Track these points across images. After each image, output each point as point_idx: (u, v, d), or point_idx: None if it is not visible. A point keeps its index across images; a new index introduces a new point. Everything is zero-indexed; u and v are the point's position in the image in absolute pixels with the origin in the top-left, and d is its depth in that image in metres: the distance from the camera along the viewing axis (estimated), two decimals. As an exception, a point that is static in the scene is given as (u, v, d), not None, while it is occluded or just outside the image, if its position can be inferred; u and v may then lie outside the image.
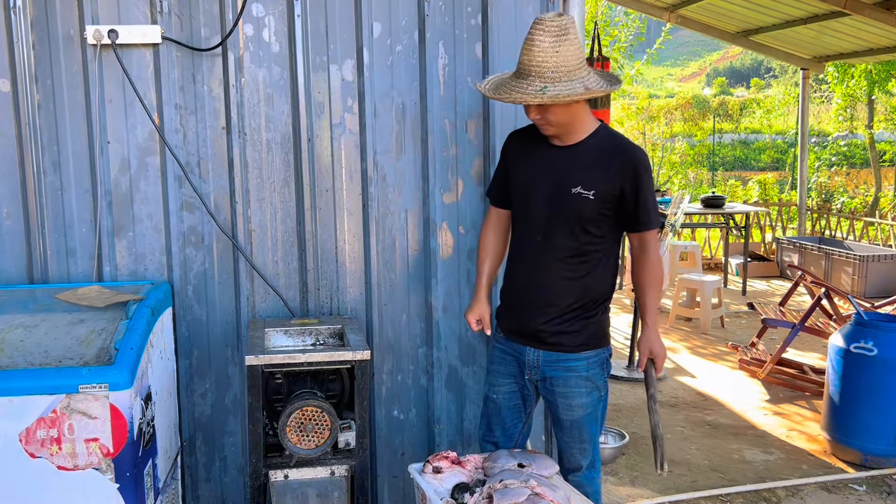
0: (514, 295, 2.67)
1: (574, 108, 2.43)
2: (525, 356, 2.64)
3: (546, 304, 2.57)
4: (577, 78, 2.36)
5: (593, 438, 2.66)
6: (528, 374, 2.65)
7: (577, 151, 2.51)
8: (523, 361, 2.65)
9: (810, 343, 6.21)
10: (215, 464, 3.07)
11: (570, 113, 2.43)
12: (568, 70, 2.34)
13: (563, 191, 2.49)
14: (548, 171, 2.54)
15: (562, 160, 2.52)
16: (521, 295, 2.64)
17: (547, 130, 2.50)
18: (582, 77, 2.37)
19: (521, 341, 2.65)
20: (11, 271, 2.86)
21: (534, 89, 2.34)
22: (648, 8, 8.30)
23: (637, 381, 5.51)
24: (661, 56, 13.16)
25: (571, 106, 2.41)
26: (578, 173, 2.48)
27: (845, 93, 12.66)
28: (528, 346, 2.62)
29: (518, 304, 2.65)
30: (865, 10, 6.65)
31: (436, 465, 2.42)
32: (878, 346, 4.00)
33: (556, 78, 2.33)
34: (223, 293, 2.99)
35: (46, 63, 2.79)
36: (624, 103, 14.67)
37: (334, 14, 2.92)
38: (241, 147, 2.93)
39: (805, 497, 3.74)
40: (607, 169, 2.46)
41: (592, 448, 2.67)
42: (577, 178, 2.48)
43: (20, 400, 2.21)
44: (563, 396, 2.60)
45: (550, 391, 2.63)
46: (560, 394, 2.61)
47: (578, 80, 2.36)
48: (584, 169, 2.48)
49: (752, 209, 9.09)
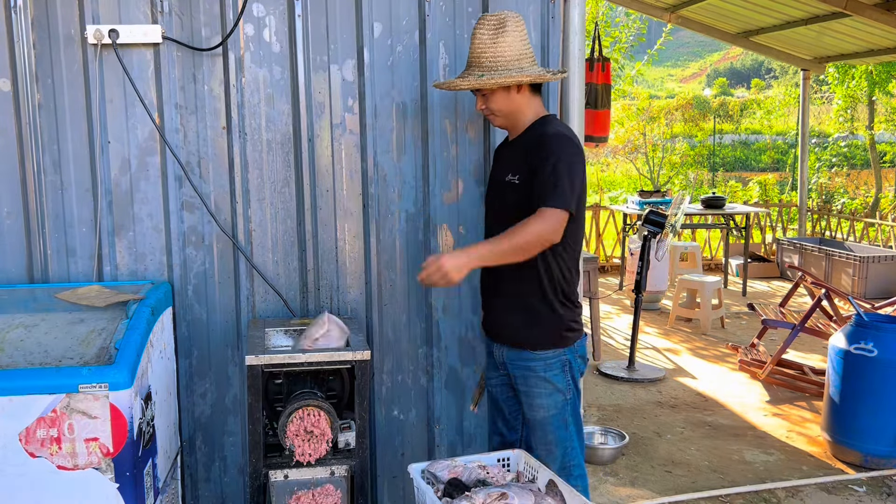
0: (481, 288, 2.78)
1: (514, 98, 2.53)
2: (493, 350, 2.73)
3: (494, 294, 2.67)
4: (515, 68, 2.47)
5: (562, 443, 2.61)
6: (500, 368, 2.72)
7: (517, 142, 2.61)
8: (494, 356, 2.73)
9: (811, 344, 6.20)
10: (215, 464, 3.07)
11: (510, 102, 2.53)
12: (506, 60, 2.47)
13: (502, 181, 2.60)
14: (498, 166, 2.72)
15: (506, 154, 2.68)
16: (482, 287, 2.76)
17: (494, 122, 2.64)
18: (521, 68, 2.48)
19: (489, 335, 2.75)
20: (11, 271, 2.86)
21: (471, 77, 2.49)
22: (649, 8, 8.30)
23: (637, 381, 5.51)
24: (662, 56, 13.16)
25: (511, 95, 2.52)
26: (511, 162, 2.59)
27: (846, 94, 12.66)
28: (493, 342, 2.72)
29: (482, 297, 2.78)
30: (866, 10, 6.65)
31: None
32: (878, 347, 4.00)
33: (492, 67, 2.47)
34: (223, 293, 2.99)
35: (47, 62, 2.79)
36: (624, 104, 14.68)
37: (335, 14, 2.92)
38: (242, 147, 2.93)
39: (805, 498, 3.74)
40: (528, 152, 2.49)
41: (561, 452, 2.62)
42: (509, 167, 2.58)
43: (20, 399, 2.20)
44: (525, 395, 2.64)
45: (516, 388, 2.68)
46: (522, 392, 2.64)
47: (515, 69, 2.47)
48: (516, 157, 2.56)
49: (752, 210, 9.09)
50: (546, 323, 2.56)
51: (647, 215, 5.58)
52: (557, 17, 2.98)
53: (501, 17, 2.50)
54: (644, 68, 12.12)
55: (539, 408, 2.60)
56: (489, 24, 2.50)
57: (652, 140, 15.26)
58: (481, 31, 2.50)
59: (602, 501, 3.70)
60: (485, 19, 2.51)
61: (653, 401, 5.18)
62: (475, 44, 2.51)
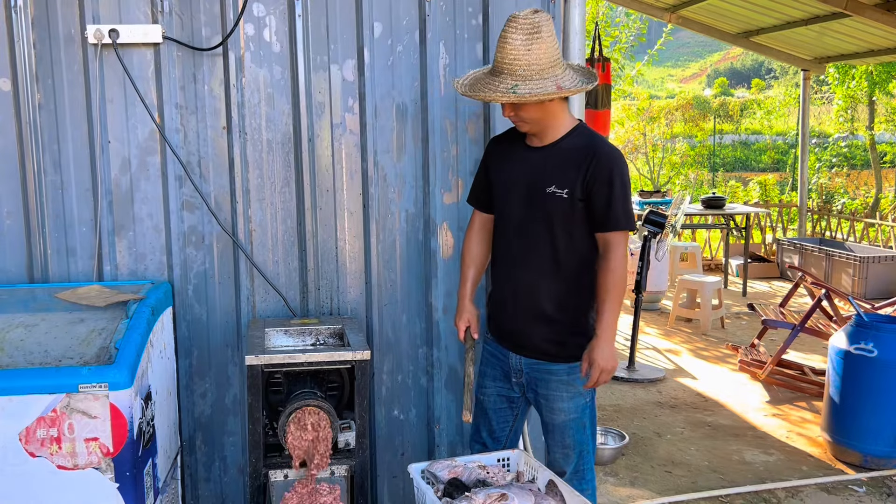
0: (497, 297, 2.68)
1: (548, 106, 2.42)
2: (509, 360, 2.64)
3: (525, 308, 2.56)
4: (550, 76, 2.35)
5: (579, 446, 2.61)
6: (514, 377, 2.65)
7: (553, 151, 2.50)
8: (508, 365, 2.65)
9: (811, 344, 6.20)
10: (215, 463, 3.07)
11: (543, 111, 2.43)
12: (540, 68, 2.33)
13: (538, 190, 2.49)
14: (524, 171, 2.54)
15: (538, 160, 2.52)
16: (501, 296, 2.65)
17: (522, 128, 2.51)
18: (555, 75, 2.36)
19: (505, 345, 2.65)
20: (11, 270, 2.86)
21: (504, 87, 2.34)
22: (649, 9, 8.30)
23: (637, 381, 5.51)
24: (662, 57, 13.16)
25: (545, 104, 2.41)
26: (553, 172, 2.47)
27: (846, 94, 12.66)
28: (511, 352, 2.63)
29: (500, 307, 2.66)
30: (866, 11, 6.65)
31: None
32: (878, 347, 4.00)
33: (527, 76, 2.33)
34: (223, 293, 2.99)
35: (47, 62, 2.79)
36: (625, 104, 14.69)
37: (335, 14, 2.92)
38: (242, 147, 2.93)
39: (805, 498, 3.74)
40: (581, 167, 2.43)
41: (577, 456, 2.62)
42: (551, 178, 2.47)
43: (20, 399, 2.20)
44: (545, 399, 2.59)
45: (534, 393, 2.63)
46: (542, 396, 2.60)
47: (551, 78, 2.35)
48: (559, 168, 2.47)
49: (752, 210, 9.09)
50: (579, 334, 2.53)
51: (647, 215, 5.58)
52: (558, 17, 2.98)
53: (536, 20, 2.31)
54: (644, 68, 12.12)
55: (560, 411, 2.57)
56: (523, 27, 2.31)
57: (652, 140, 15.27)
58: (514, 36, 2.32)
59: (602, 501, 3.70)
60: (517, 22, 2.32)
61: (653, 401, 5.18)
62: (507, 49, 2.33)
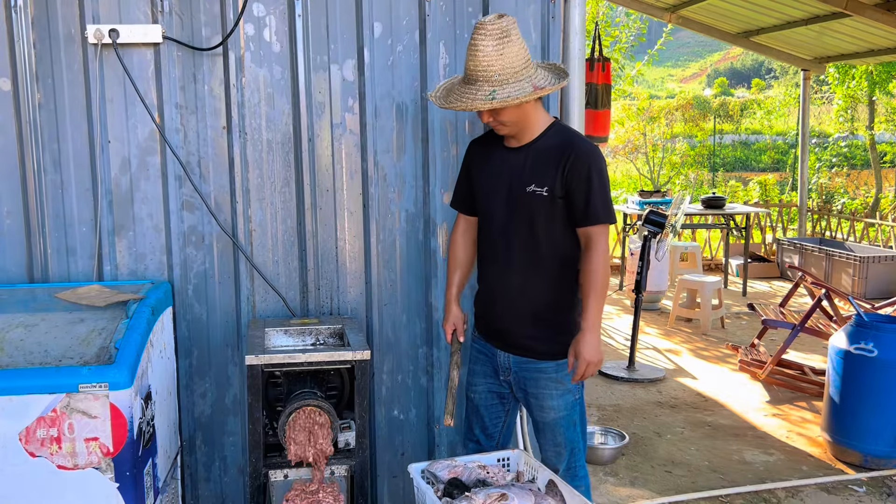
0: (483, 296, 2.72)
1: (525, 107, 2.47)
2: (498, 358, 2.67)
3: (511, 306, 2.60)
4: (525, 77, 2.40)
5: (570, 444, 2.63)
6: (502, 375, 2.68)
7: (531, 150, 2.54)
8: (497, 363, 2.68)
9: (811, 344, 6.20)
10: (215, 463, 3.07)
11: (521, 112, 2.47)
12: (514, 71, 2.38)
13: (519, 190, 2.53)
14: (505, 171, 2.58)
15: (517, 160, 2.56)
16: (488, 297, 2.69)
17: (501, 131, 2.55)
18: (529, 76, 2.41)
19: (493, 343, 2.68)
20: (11, 270, 2.86)
21: (483, 95, 2.38)
22: (649, 8, 8.30)
23: (637, 381, 5.51)
24: (662, 57, 13.16)
25: (522, 105, 2.45)
26: (532, 171, 2.52)
27: (846, 94, 12.66)
28: (499, 349, 2.66)
29: (487, 306, 2.69)
30: (866, 11, 6.65)
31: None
32: (878, 347, 4.00)
33: (503, 80, 2.37)
34: (223, 293, 2.99)
35: (47, 62, 2.79)
36: (625, 104, 14.67)
37: (335, 14, 2.92)
38: (242, 147, 2.93)
39: (805, 498, 3.74)
40: (559, 165, 2.47)
41: (569, 453, 2.64)
42: (530, 177, 2.51)
43: (20, 399, 2.20)
44: (534, 397, 2.61)
45: (523, 391, 2.65)
46: (532, 395, 2.62)
47: (526, 79, 2.40)
48: (538, 167, 2.51)
49: (752, 210, 9.09)
50: (566, 331, 2.54)
51: (647, 215, 5.58)
52: (558, 17, 2.98)
53: (503, 24, 2.35)
54: (644, 68, 12.12)
55: (550, 409, 2.59)
56: (492, 33, 2.34)
57: (652, 140, 15.26)
58: (485, 42, 2.34)
59: (602, 501, 3.70)
60: (485, 28, 2.35)
61: (653, 401, 5.18)
62: (479, 56, 2.35)
